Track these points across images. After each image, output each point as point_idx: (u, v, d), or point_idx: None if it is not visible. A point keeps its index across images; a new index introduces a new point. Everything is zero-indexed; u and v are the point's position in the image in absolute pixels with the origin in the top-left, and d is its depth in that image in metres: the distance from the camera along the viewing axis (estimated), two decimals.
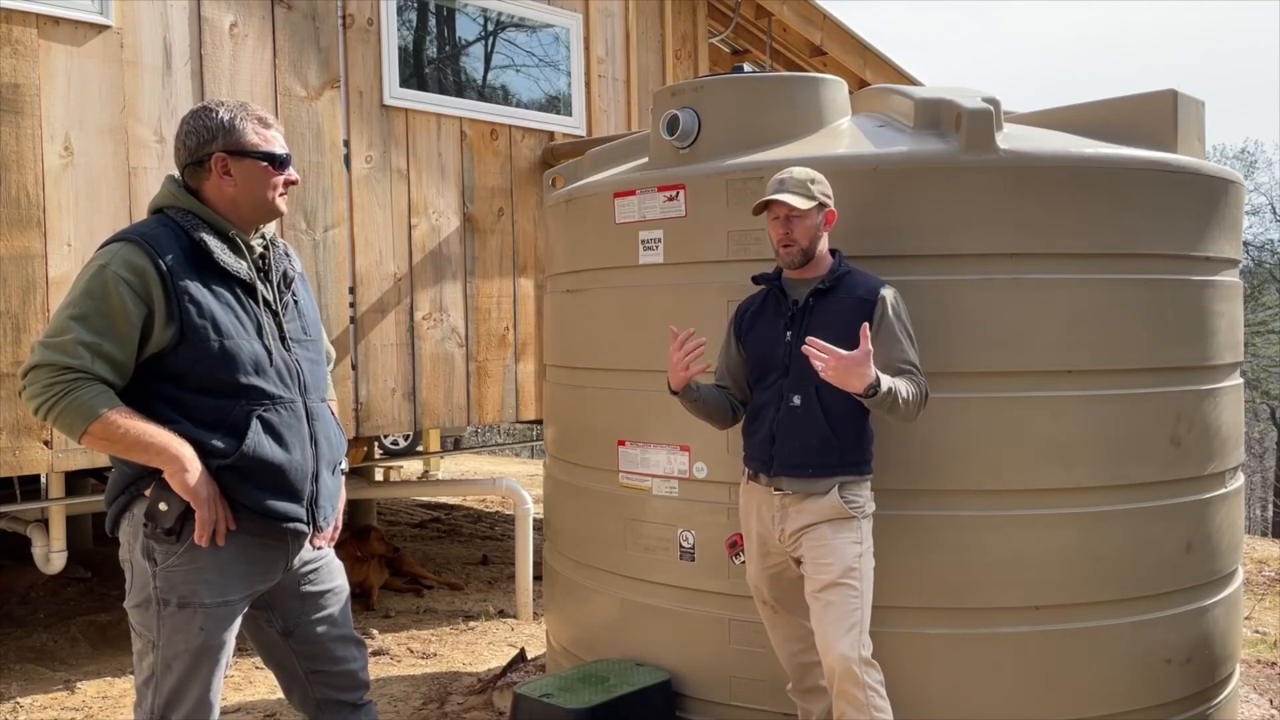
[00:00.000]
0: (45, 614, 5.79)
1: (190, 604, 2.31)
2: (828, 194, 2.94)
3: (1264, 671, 4.68)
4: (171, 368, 2.30)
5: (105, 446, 2.27)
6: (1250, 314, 24.96)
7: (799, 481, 2.89)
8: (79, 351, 2.21)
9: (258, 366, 2.36)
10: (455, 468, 11.70)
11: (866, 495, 2.93)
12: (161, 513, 2.28)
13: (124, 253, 2.27)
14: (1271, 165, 45.32)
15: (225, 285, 2.36)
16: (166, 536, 2.30)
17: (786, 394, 2.92)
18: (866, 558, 2.89)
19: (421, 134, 5.63)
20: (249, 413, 2.33)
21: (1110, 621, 3.19)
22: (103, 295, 2.24)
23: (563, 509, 4.02)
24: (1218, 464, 3.42)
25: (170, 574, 2.31)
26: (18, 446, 4.34)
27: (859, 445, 2.91)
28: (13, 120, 4.31)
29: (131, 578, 2.37)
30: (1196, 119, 3.55)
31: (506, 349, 5.99)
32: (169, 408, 2.29)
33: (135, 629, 2.38)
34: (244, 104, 2.44)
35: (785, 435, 2.91)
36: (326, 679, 2.59)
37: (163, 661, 2.33)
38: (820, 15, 7.73)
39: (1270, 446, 26.61)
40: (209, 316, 2.30)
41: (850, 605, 2.83)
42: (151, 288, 2.26)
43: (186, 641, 2.32)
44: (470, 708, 4.23)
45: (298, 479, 2.39)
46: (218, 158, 2.37)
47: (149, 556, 2.32)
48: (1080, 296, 3.15)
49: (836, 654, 2.80)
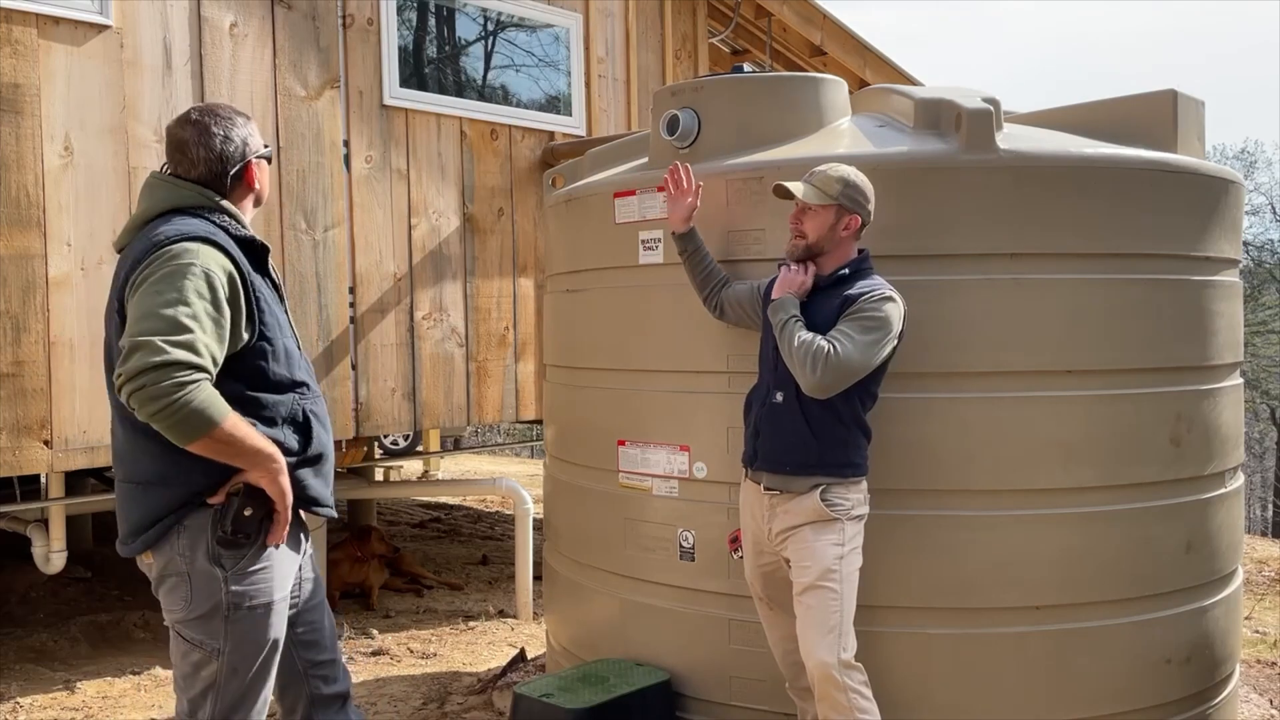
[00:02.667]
0: (45, 614, 5.79)
1: (262, 604, 2.35)
2: (858, 199, 2.91)
3: (1264, 671, 4.68)
4: (244, 367, 2.32)
5: (217, 450, 2.21)
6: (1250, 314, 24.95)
7: (778, 478, 2.92)
8: (202, 350, 2.16)
9: (299, 361, 2.46)
10: (455, 468, 11.70)
11: (855, 498, 2.89)
12: (246, 518, 2.29)
13: (211, 253, 2.27)
14: (1271, 165, 45.30)
15: (269, 284, 2.44)
16: (246, 540, 2.31)
17: (772, 389, 2.95)
18: (849, 559, 2.86)
19: (421, 134, 5.63)
20: (302, 407, 2.42)
21: (1110, 621, 3.19)
22: (210, 295, 2.22)
23: (563, 509, 4.02)
24: (1218, 464, 3.42)
25: (244, 577, 2.32)
26: (18, 446, 4.34)
27: (842, 448, 2.88)
28: (13, 120, 4.31)
29: (190, 590, 2.32)
30: (1196, 119, 3.55)
31: (506, 349, 5.99)
32: (238, 407, 2.26)
33: (191, 640, 2.34)
34: (232, 107, 2.53)
35: (767, 430, 2.95)
36: (320, 670, 2.61)
37: (228, 667, 2.33)
38: (820, 15, 7.73)
39: (1270, 446, 26.61)
40: (273, 315, 2.39)
41: (829, 608, 2.81)
42: (235, 287, 2.29)
43: (258, 643, 2.35)
44: (470, 708, 4.23)
45: (331, 466, 2.52)
46: (253, 163, 2.47)
47: (217, 563, 2.30)
48: (1080, 296, 3.15)
49: (815, 660, 2.81)
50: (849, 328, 2.79)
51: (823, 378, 2.74)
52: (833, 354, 2.74)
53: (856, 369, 2.77)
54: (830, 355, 2.74)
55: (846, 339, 2.76)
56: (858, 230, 2.95)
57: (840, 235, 2.93)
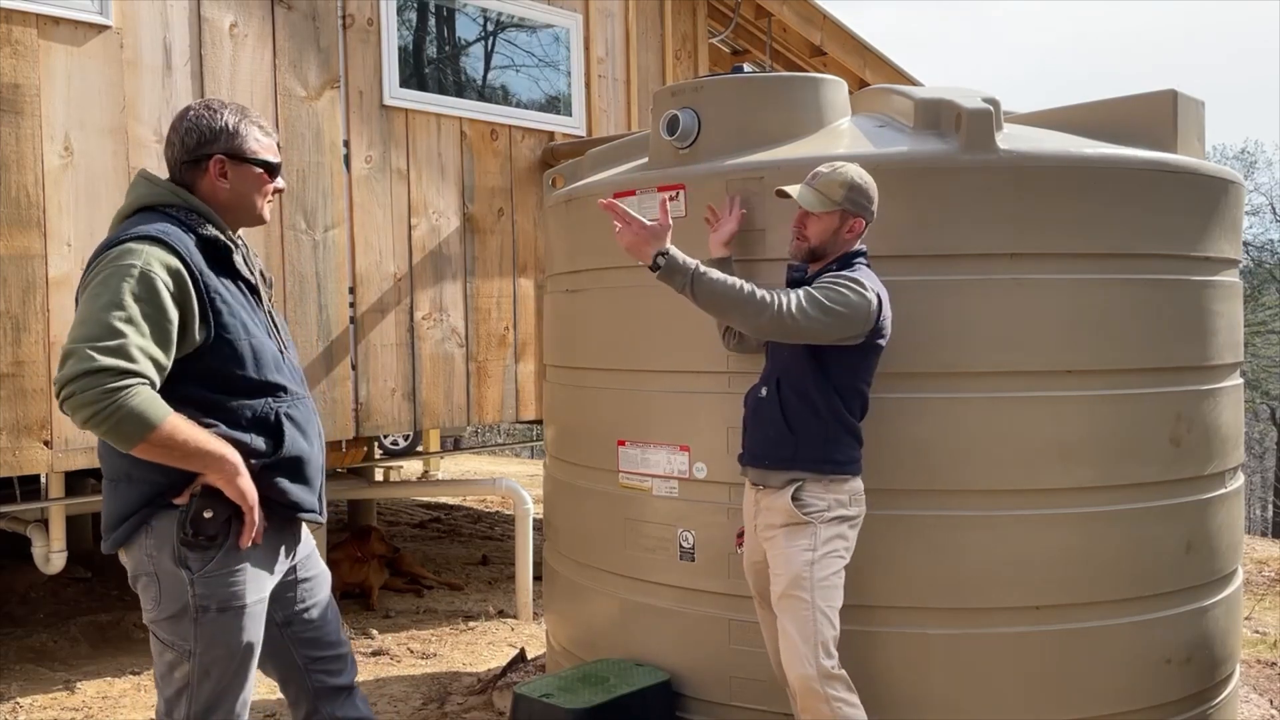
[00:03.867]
0: (45, 614, 5.79)
1: (231, 607, 2.31)
2: (861, 202, 2.87)
3: (1264, 671, 4.68)
4: (200, 370, 2.27)
5: (160, 455, 2.19)
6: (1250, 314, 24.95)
7: (758, 472, 2.93)
8: (135, 355, 2.13)
9: (277, 363, 2.39)
10: (455, 468, 11.70)
11: (830, 499, 2.83)
12: (206, 520, 2.26)
13: (155, 252, 2.21)
14: (1271, 165, 45.31)
15: (237, 284, 2.38)
16: (210, 543, 2.28)
17: (760, 385, 2.97)
18: (822, 564, 2.79)
19: (421, 134, 5.63)
20: (276, 410, 2.36)
21: (1110, 621, 3.19)
22: (149, 296, 2.17)
23: (563, 509, 4.02)
24: (1218, 464, 3.42)
25: (209, 579, 2.29)
26: (18, 446, 4.34)
27: (820, 443, 2.83)
28: (13, 120, 4.31)
29: (159, 590, 2.31)
30: (1196, 119, 3.55)
31: (506, 349, 5.99)
32: (199, 410, 2.25)
33: (164, 641, 2.33)
34: (244, 109, 2.45)
35: (752, 424, 2.98)
36: (323, 665, 2.60)
37: (200, 669, 2.31)
38: (820, 15, 7.73)
39: (1270, 446, 26.61)
40: (237, 315, 2.31)
41: (801, 619, 2.77)
42: (185, 288, 2.23)
43: (228, 646, 2.32)
44: (470, 708, 4.23)
45: (315, 471, 2.45)
46: (217, 160, 2.37)
47: (183, 564, 2.28)
48: (1080, 296, 3.15)
49: (794, 674, 2.78)
50: (806, 290, 2.73)
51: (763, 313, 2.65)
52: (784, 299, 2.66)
53: (804, 322, 2.68)
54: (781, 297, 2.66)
55: (803, 294, 2.70)
56: (861, 232, 2.93)
57: (844, 238, 2.91)
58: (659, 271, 2.74)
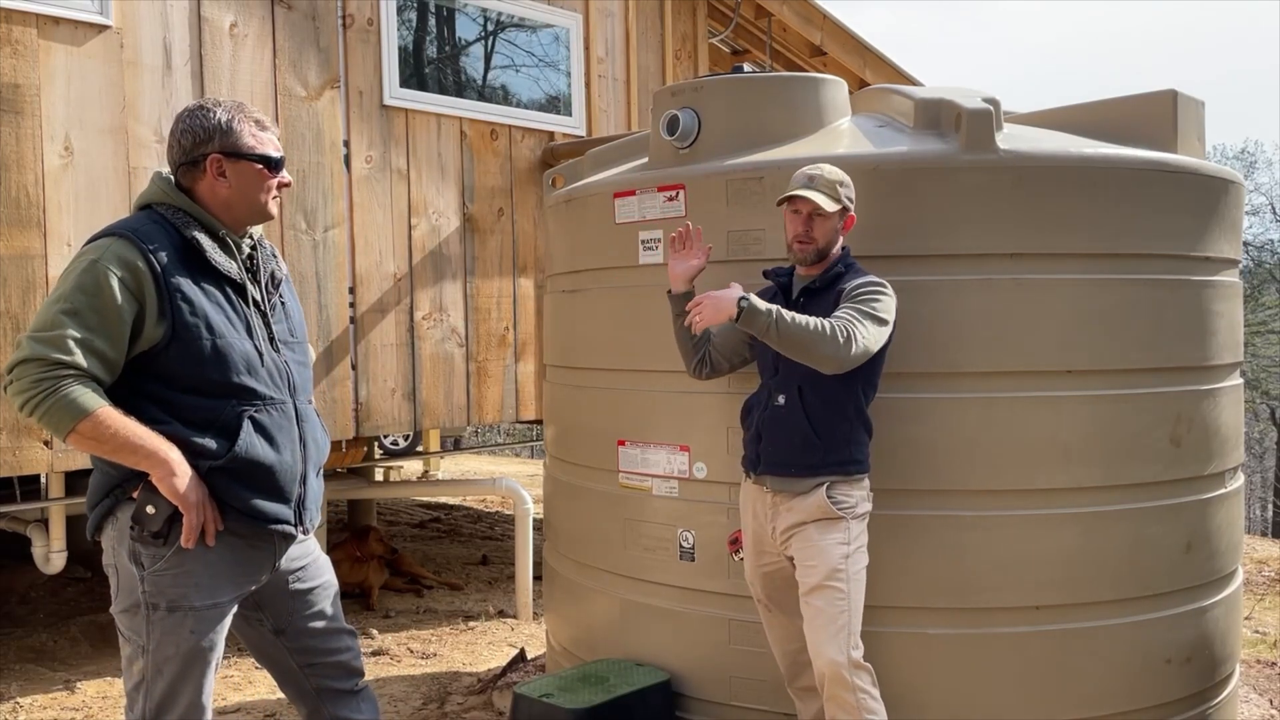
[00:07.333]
0: (45, 614, 5.79)
1: (180, 607, 2.29)
2: (852, 198, 2.94)
3: (1264, 671, 4.68)
4: (161, 367, 2.27)
5: (92, 447, 2.22)
6: (1250, 314, 24.95)
7: (782, 480, 2.91)
8: (70, 347, 2.17)
9: (249, 367, 2.34)
10: (455, 468, 11.70)
11: (858, 495, 2.90)
12: (149, 516, 2.25)
13: (115, 247, 2.24)
14: (1271, 165, 45.28)
15: (217, 284, 2.35)
16: (154, 540, 2.27)
17: (773, 393, 2.94)
18: (855, 558, 2.86)
19: (421, 134, 5.63)
20: (240, 413, 2.31)
21: (1110, 621, 3.19)
22: (95, 290, 2.20)
23: (563, 509, 4.02)
24: (1218, 464, 3.42)
25: (159, 577, 2.29)
26: (18, 446, 4.34)
27: (846, 445, 2.88)
28: (13, 120, 4.31)
29: (118, 583, 2.33)
30: (1196, 119, 3.55)
31: (506, 349, 5.99)
32: (157, 408, 2.26)
33: (123, 634, 2.35)
34: (241, 104, 2.42)
35: (770, 434, 2.94)
36: (321, 670, 2.59)
37: (153, 666, 2.31)
38: (820, 15, 7.73)
39: (1270, 446, 26.60)
40: (201, 315, 2.28)
41: (837, 608, 2.81)
42: (143, 284, 2.23)
43: (177, 645, 2.30)
44: (470, 708, 4.23)
45: (287, 480, 2.38)
46: (213, 159, 2.35)
47: (136, 560, 2.29)
48: (1080, 296, 3.15)
49: (825, 659, 2.80)
50: (853, 308, 2.79)
51: (845, 347, 2.69)
52: (852, 327, 2.72)
53: (872, 342, 2.76)
54: (849, 325, 2.72)
55: (856, 313, 2.77)
56: (849, 228, 2.98)
57: (840, 235, 2.96)
58: (740, 315, 2.74)
